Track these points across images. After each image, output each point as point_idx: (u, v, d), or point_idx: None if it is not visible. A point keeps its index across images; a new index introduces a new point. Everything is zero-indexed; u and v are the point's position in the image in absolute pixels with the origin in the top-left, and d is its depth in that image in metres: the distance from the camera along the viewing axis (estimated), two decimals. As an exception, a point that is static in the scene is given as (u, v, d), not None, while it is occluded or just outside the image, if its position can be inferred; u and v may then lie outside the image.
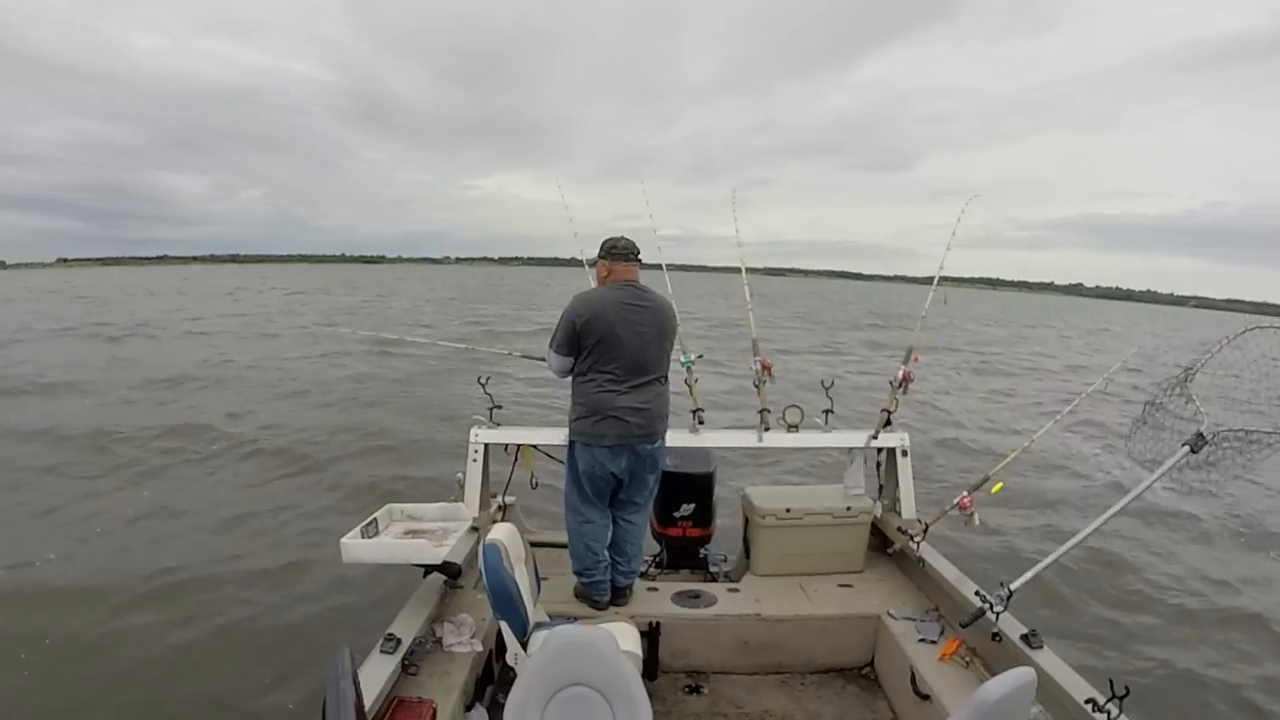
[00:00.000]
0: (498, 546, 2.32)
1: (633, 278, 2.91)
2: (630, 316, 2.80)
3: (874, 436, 3.39)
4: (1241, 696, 3.98)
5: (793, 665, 3.03)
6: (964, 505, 3.02)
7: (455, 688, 2.39)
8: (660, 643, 2.94)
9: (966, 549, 5.02)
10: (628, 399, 2.81)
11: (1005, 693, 1.51)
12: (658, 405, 2.89)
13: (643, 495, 3.04)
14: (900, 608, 3.00)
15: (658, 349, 2.88)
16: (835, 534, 3.31)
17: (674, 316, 2.97)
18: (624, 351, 2.79)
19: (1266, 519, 6.95)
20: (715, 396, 10.52)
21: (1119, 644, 4.44)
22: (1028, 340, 28.51)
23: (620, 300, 2.82)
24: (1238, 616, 4.92)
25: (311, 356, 15.42)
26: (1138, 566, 5.60)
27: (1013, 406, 12.95)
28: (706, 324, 23.44)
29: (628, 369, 2.81)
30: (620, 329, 2.78)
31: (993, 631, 2.44)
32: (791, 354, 17.90)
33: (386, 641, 2.36)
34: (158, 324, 21.44)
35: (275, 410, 10.13)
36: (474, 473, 3.41)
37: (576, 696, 1.75)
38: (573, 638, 1.81)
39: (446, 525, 3.05)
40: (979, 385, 15.18)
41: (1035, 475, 7.70)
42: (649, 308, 2.86)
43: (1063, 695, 2.09)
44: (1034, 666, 2.19)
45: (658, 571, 3.54)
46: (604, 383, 2.81)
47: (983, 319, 39.24)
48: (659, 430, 2.91)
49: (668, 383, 2.98)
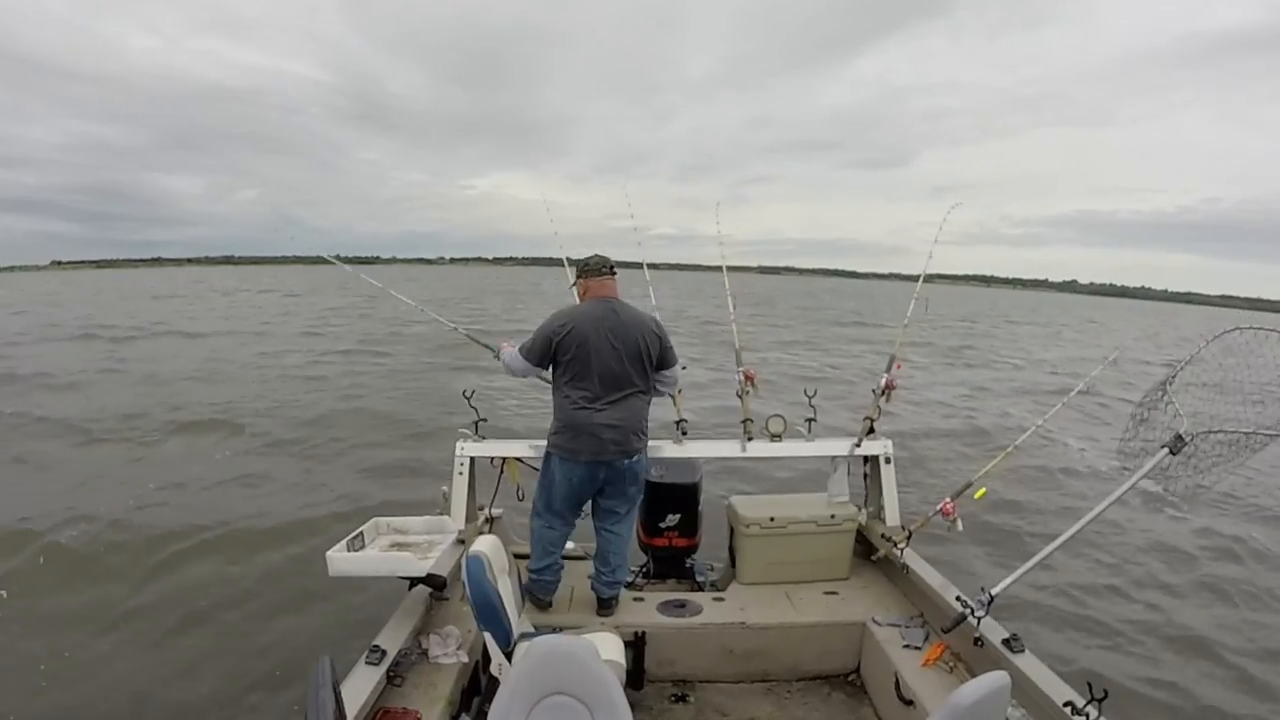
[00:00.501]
0: (480, 558, 2.34)
1: (609, 293, 2.95)
2: (604, 332, 2.84)
3: (857, 444, 3.42)
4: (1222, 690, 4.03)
5: (779, 673, 3.04)
6: (947, 511, 3.05)
7: (441, 699, 2.40)
8: (646, 652, 2.95)
9: (954, 552, 5.04)
10: (603, 416, 2.85)
11: (979, 697, 1.53)
12: (633, 421, 2.92)
13: (624, 506, 3.06)
14: (885, 614, 3.02)
15: (634, 363, 2.89)
16: (820, 542, 3.33)
17: (652, 330, 2.95)
18: (598, 366, 2.83)
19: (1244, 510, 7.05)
20: (702, 385, 10.72)
21: (1100, 644, 4.48)
22: (994, 337, 28.50)
23: (595, 316, 2.87)
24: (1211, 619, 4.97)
25: (315, 353, 15.82)
26: (1121, 567, 5.65)
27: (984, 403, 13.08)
28: (694, 322, 23.69)
29: (603, 384, 2.85)
30: (594, 344, 2.82)
31: (975, 636, 2.47)
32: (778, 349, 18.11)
33: (372, 653, 2.37)
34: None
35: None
36: (460, 486, 3.43)
37: (558, 706, 1.76)
38: (554, 647, 1.82)
39: (432, 538, 3.08)
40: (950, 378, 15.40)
41: (1018, 479, 7.74)
42: (624, 322, 2.88)
43: (1043, 698, 2.12)
44: (1015, 670, 2.22)
45: (645, 581, 3.56)
46: (579, 399, 2.86)
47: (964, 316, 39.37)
48: (635, 446, 2.94)
49: (648, 396, 3.01)
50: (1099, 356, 6.98)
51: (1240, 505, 7.35)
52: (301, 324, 23.35)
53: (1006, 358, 20.20)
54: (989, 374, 16.55)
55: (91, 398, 10.91)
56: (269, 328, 21.99)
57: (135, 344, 17.73)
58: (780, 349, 18.13)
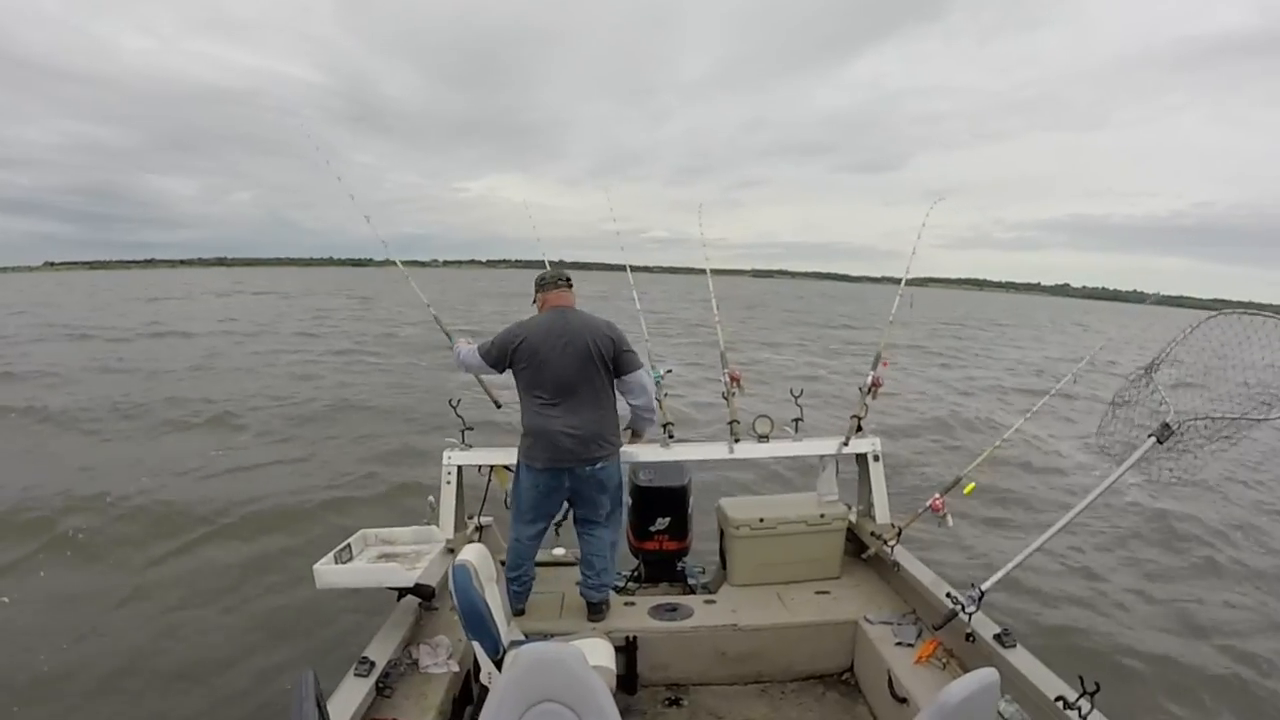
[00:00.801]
0: (467, 567, 2.32)
1: (564, 303, 3.01)
2: (554, 339, 2.90)
3: (845, 443, 3.42)
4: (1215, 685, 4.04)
5: (772, 674, 3.03)
6: (936, 507, 3.06)
7: (431, 709, 2.38)
8: (639, 657, 2.94)
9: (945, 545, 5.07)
10: (558, 422, 2.88)
11: (968, 694, 1.53)
12: (592, 427, 2.92)
13: (597, 514, 3.06)
14: (877, 612, 3.02)
15: (587, 368, 2.91)
16: (810, 541, 3.33)
17: (604, 333, 2.95)
18: (550, 374, 2.89)
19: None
20: (694, 384, 10.92)
21: (1090, 636, 4.50)
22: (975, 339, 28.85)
23: (546, 325, 2.95)
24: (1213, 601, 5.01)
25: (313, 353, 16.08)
26: (1107, 557, 5.69)
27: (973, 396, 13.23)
28: (683, 324, 23.84)
29: (557, 390, 2.90)
30: (544, 353, 2.89)
31: (966, 632, 2.47)
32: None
33: (360, 665, 2.35)
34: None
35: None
36: (448, 495, 3.42)
37: (547, 713, 1.74)
38: (542, 654, 1.81)
39: (420, 548, 3.05)
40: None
41: (1008, 474, 7.79)
42: (573, 328, 2.93)
43: (1035, 692, 2.12)
44: (1007, 665, 2.21)
45: (636, 586, 3.54)
46: (537, 406, 2.94)
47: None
48: (597, 453, 2.94)
49: (610, 402, 3.00)
50: (1077, 357, 7.17)
51: (1229, 487, 7.45)
52: (312, 324, 23.84)
53: (994, 358, 20.57)
54: (976, 373, 16.79)
55: (95, 392, 11.14)
56: (272, 326, 22.45)
57: (133, 344, 17.93)
58: (770, 350, 18.34)
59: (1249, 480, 8.18)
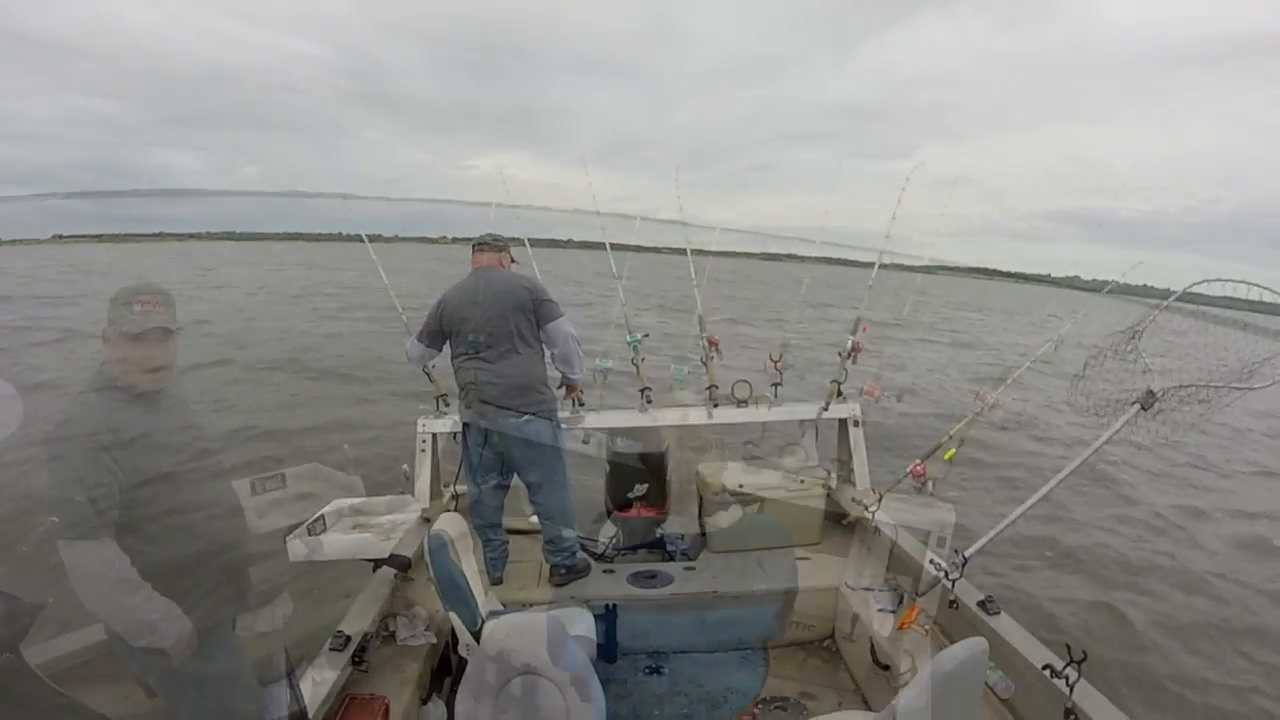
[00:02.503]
0: (442, 536, 2.28)
1: (485, 264, 3.04)
2: (470, 295, 2.95)
3: (825, 408, 3.39)
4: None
5: (753, 641, 3.03)
6: (917, 473, 3.04)
7: (409, 682, 2.36)
8: (618, 625, 2.92)
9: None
10: (479, 373, 2.91)
11: (958, 662, 1.51)
12: (514, 377, 2.90)
13: (535, 475, 3.01)
14: (858, 578, 3.01)
15: (504, 318, 2.90)
16: (790, 507, 3.31)
17: (522, 286, 2.97)
18: (469, 328, 2.93)
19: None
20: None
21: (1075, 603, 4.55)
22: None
23: (465, 285, 3.01)
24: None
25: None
26: (1089, 525, 5.75)
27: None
28: (675, 297, 23.76)
29: (477, 343, 2.92)
30: (463, 310, 2.95)
31: (949, 599, 2.46)
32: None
33: (335, 639, 2.31)
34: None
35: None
36: (423, 463, 3.37)
37: (527, 683, 1.72)
38: (521, 625, 1.78)
39: (395, 518, 3.00)
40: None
41: (991, 439, 7.84)
42: (491, 283, 2.96)
43: (1021, 660, 2.09)
44: (991, 632, 2.20)
45: (614, 554, 3.52)
46: (461, 361, 2.98)
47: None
48: (518, 402, 2.90)
49: (534, 354, 2.97)
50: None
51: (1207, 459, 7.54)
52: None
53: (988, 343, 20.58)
54: (969, 354, 16.83)
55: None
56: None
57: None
58: (774, 328, 18.32)
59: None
